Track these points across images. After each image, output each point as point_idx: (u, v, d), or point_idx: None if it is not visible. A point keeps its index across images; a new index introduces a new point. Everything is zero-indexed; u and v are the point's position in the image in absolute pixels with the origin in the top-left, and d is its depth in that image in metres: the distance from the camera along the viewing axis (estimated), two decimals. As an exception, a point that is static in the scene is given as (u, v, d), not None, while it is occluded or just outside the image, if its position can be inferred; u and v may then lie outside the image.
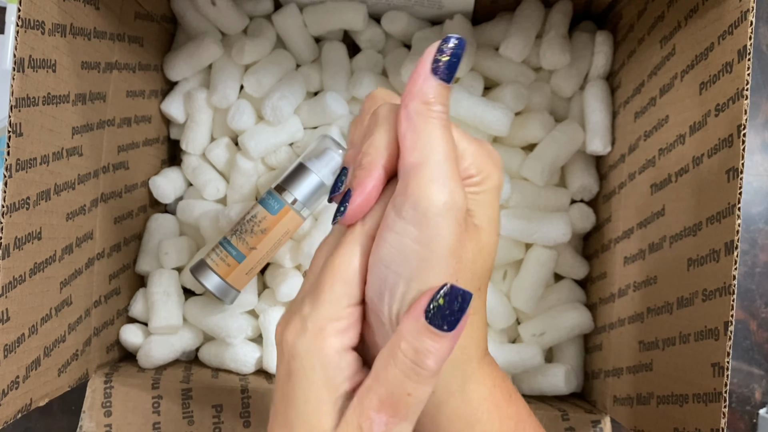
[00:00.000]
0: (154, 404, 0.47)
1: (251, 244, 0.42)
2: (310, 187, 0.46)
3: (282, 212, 0.42)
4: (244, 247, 0.42)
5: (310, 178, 0.46)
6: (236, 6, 0.55)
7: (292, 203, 0.44)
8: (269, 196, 0.45)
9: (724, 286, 0.37)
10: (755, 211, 0.61)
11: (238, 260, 0.41)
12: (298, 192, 0.46)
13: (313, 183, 0.47)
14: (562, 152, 0.53)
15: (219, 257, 0.43)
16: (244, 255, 0.42)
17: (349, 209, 0.26)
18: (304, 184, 0.47)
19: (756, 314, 0.61)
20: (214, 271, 0.43)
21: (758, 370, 0.60)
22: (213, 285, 0.45)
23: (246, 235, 0.42)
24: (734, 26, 0.38)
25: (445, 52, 0.26)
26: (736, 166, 0.36)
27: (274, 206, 0.44)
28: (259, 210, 0.43)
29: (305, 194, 0.46)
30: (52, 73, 0.40)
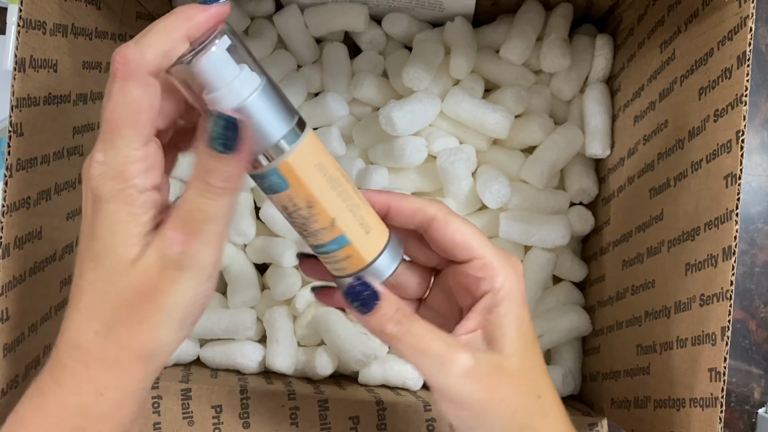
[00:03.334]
0: (154, 404, 0.47)
1: (321, 223, 0.30)
2: (264, 111, 0.28)
3: (287, 176, 0.28)
4: (325, 232, 0.30)
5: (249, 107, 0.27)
6: (237, 6, 0.55)
7: (279, 152, 0.28)
8: (259, 181, 0.29)
9: (722, 291, 0.37)
10: (754, 211, 0.62)
11: (340, 245, 0.30)
12: (266, 131, 0.28)
13: (260, 108, 0.27)
14: (561, 155, 0.53)
15: (332, 263, 0.32)
16: (340, 233, 0.30)
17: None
18: (259, 119, 0.28)
19: (755, 314, 0.61)
20: (349, 273, 0.32)
21: (757, 370, 0.60)
22: (376, 275, 0.32)
23: (310, 225, 0.30)
24: (734, 32, 0.38)
25: (354, 298, 0.31)
26: (734, 171, 0.37)
27: (279, 182, 0.28)
28: (277, 200, 0.29)
29: (272, 123, 0.28)
30: (53, 73, 0.40)
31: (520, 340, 0.32)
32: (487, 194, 0.52)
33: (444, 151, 0.52)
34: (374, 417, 0.47)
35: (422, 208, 0.33)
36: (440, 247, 0.33)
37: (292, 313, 0.53)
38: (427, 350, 0.30)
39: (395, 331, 0.30)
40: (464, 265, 0.33)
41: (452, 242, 0.32)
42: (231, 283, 0.54)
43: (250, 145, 0.27)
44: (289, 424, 0.47)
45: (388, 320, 0.30)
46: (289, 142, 0.28)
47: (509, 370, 0.31)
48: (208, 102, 0.27)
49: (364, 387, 0.52)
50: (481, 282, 0.32)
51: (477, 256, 0.32)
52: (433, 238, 0.33)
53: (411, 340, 0.30)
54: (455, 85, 0.56)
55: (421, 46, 0.55)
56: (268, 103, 0.27)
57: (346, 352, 0.50)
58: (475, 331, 0.32)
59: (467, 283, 0.33)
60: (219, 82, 0.26)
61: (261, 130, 0.27)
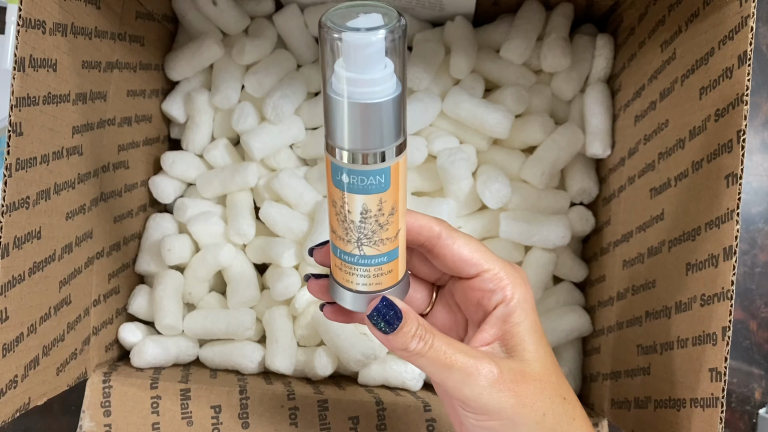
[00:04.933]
0: (153, 404, 0.47)
1: (391, 232, 0.29)
2: (398, 111, 0.27)
3: (393, 178, 0.28)
4: (388, 242, 0.30)
5: (366, 106, 0.26)
6: (237, 6, 0.55)
7: (390, 155, 0.27)
8: (356, 176, 0.28)
9: (723, 292, 0.37)
10: (755, 211, 0.62)
11: (391, 258, 0.30)
12: (394, 131, 0.27)
13: (378, 110, 0.26)
14: (561, 155, 0.53)
15: (370, 277, 0.31)
16: (396, 246, 0.30)
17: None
18: (394, 117, 0.27)
19: (756, 314, 0.61)
20: (382, 288, 0.32)
21: (758, 370, 0.60)
22: (397, 296, 0.33)
23: (379, 233, 0.29)
24: (735, 31, 0.38)
25: (379, 319, 0.31)
26: (735, 171, 0.36)
27: (377, 182, 0.28)
28: (364, 200, 0.28)
29: (399, 125, 0.27)
30: (52, 73, 0.40)
31: (538, 345, 0.33)
32: (487, 194, 0.52)
33: (444, 151, 0.52)
34: (374, 417, 0.47)
35: (428, 225, 0.33)
36: (447, 263, 0.33)
37: (292, 313, 0.53)
38: (452, 364, 0.31)
39: (419, 347, 0.31)
40: (473, 280, 0.33)
41: (460, 258, 0.33)
42: (231, 283, 0.54)
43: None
44: (289, 425, 0.47)
45: (411, 337, 0.31)
46: (402, 148, 0.28)
47: (533, 374, 0.32)
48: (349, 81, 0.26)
49: (364, 387, 0.52)
50: (493, 294, 0.33)
51: (485, 269, 0.33)
52: (439, 255, 0.33)
53: (435, 355, 0.31)
54: (455, 84, 0.56)
55: (421, 46, 0.55)
56: (401, 106, 0.27)
57: (345, 353, 0.50)
58: (492, 343, 0.33)
59: (478, 297, 0.33)
60: (374, 74, 0.26)
61: (391, 127, 0.27)
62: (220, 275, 0.56)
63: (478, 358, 0.31)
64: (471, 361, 0.31)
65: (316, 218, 0.53)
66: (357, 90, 0.25)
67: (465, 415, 0.32)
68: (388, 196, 0.28)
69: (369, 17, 0.25)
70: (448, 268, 0.34)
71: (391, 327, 0.31)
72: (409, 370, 0.51)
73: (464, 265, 0.33)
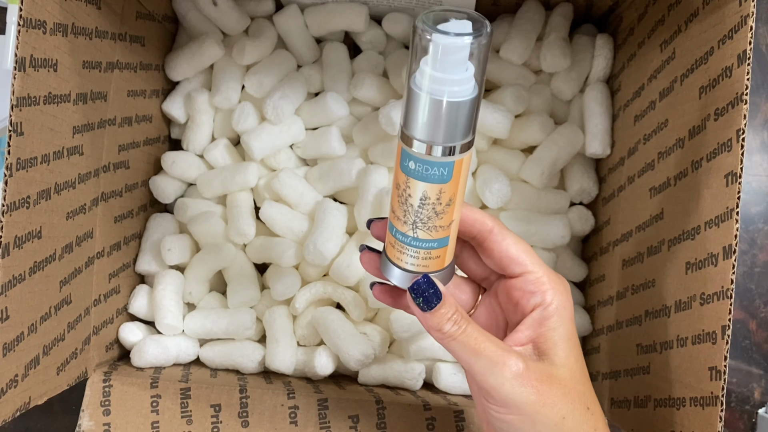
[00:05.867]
0: (153, 403, 0.47)
1: (445, 221, 0.31)
2: (473, 112, 0.29)
3: (455, 172, 0.30)
4: (441, 230, 0.32)
5: (446, 103, 0.28)
6: (237, 6, 0.55)
7: (456, 151, 0.29)
8: (422, 165, 0.30)
9: (722, 290, 0.37)
10: (754, 211, 0.62)
11: (441, 245, 0.32)
12: (466, 128, 0.29)
13: (457, 108, 0.28)
14: (561, 155, 0.53)
15: (419, 259, 0.33)
16: (447, 235, 0.32)
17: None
18: (469, 116, 0.29)
19: (755, 314, 0.61)
20: (428, 271, 0.33)
21: (757, 370, 0.60)
22: (440, 280, 0.34)
23: (434, 220, 0.31)
24: (734, 30, 0.38)
25: (418, 294, 0.33)
26: (735, 170, 0.37)
27: (440, 173, 0.30)
28: (425, 188, 0.30)
29: (471, 124, 0.29)
30: (53, 73, 0.40)
31: (570, 353, 0.33)
32: (487, 194, 0.52)
33: (444, 151, 0.52)
34: (374, 416, 0.47)
35: (482, 219, 0.34)
36: (494, 259, 0.34)
37: (292, 312, 0.53)
38: (481, 351, 0.32)
39: (452, 330, 0.32)
40: (515, 280, 0.34)
41: (507, 255, 0.34)
42: (231, 283, 0.54)
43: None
44: (288, 423, 0.47)
45: (447, 320, 0.32)
46: (469, 146, 0.30)
47: (559, 378, 0.32)
48: (435, 80, 0.28)
49: (364, 387, 0.52)
50: (532, 296, 0.33)
51: (529, 270, 0.34)
52: (488, 250, 0.34)
53: (466, 340, 0.32)
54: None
55: (421, 45, 0.55)
56: (475, 107, 0.29)
57: (345, 352, 0.50)
58: (525, 345, 0.34)
59: (518, 297, 0.34)
60: (456, 75, 0.28)
61: (462, 126, 0.29)
62: (220, 275, 0.56)
63: (507, 351, 0.32)
64: (499, 352, 0.32)
65: (316, 218, 0.53)
66: (438, 87, 0.28)
67: (488, 407, 0.33)
68: (448, 187, 0.30)
69: (459, 23, 0.27)
70: (494, 264, 0.35)
71: (429, 305, 0.32)
72: (409, 369, 0.51)
73: (510, 263, 0.34)
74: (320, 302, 0.54)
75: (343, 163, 0.54)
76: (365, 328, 0.53)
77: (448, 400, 0.49)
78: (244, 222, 0.54)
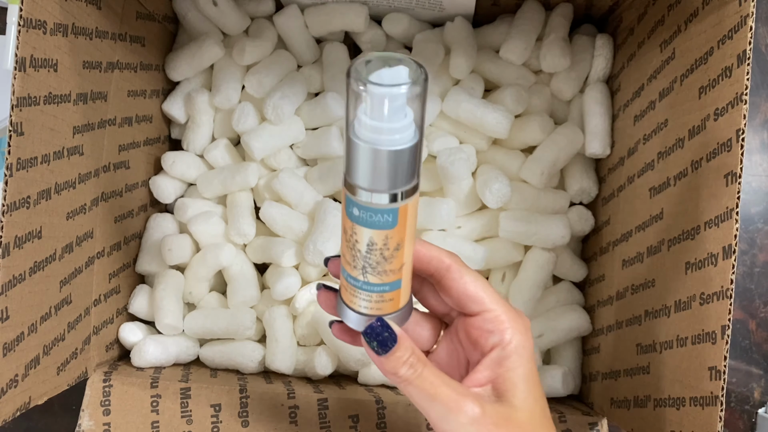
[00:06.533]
0: (153, 403, 0.47)
1: (395, 265, 0.31)
2: (413, 158, 0.29)
3: (401, 218, 0.30)
4: (391, 273, 0.31)
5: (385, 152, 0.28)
6: (238, 6, 0.55)
7: (399, 197, 0.29)
8: (366, 212, 0.29)
9: (722, 290, 0.37)
10: (754, 211, 0.62)
11: (393, 288, 0.32)
12: (407, 175, 0.29)
13: (398, 155, 0.28)
14: (561, 155, 0.53)
15: (372, 302, 0.32)
16: (399, 278, 0.32)
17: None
18: (408, 162, 0.29)
19: (755, 314, 0.61)
20: (382, 314, 0.33)
21: (757, 370, 0.60)
22: (396, 322, 0.34)
23: (382, 265, 0.31)
24: (734, 31, 0.38)
25: (372, 337, 0.32)
26: (734, 170, 0.37)
27: (385, 219, 0.29)
28: (371, 234, 0.30)
29: (413, 170, 0.29)
30: (53, 73, 0.40)
31: (528, 394, 0.32)
32: (487, 194, 0.52)
33: (444, 151, 0.52)
34: (374, 416, 0.47)
35: (439, 256, 0.34)
36: (452, 297, 0.34)
37: (292, 313, 0.53)
38: (436, 396, 0.31)
39: (407, 374, 0.31)
40: (474, 318, 0.34)
41: (465, 293, 0.33)
42: (231, 283, 0.54)
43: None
44: (288, 423, 0.47)
45: (402, 363, 0.31)
46: (413, 191, 0.29)
47: (518, 421, 0.32)
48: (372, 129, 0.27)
49: (364, 386, 0.52)
50: (491, 335, 0.33)
51: (487, 309, 0.33)
52: (446, 288, 0.34)
53: (422, 384, 0.31)
54: (455, 85, 0.56)
55: (421, 46, 0.55)
56: (417, 153, 0.28)
57: (345, 352, 0.50)
58: (485, 385, 0.33)
59: (476, 336, 0.33)
60: (395, 123, 0.27)
61: (405, 172, 0.28)
62: (220, 275, 0.56)
63: (463, 395, 0.31)
64: (455, 396, 0.31)
65: (316, 218, 0.53)
66: (377, 137, 0.27)
67: None
68: (395, 233, 0.30)
69: (394, 70, 0.26)
70: (453, 301, 0.34)
71: (384, 348, 0.31)
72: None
73: (467, 301, 0.33)
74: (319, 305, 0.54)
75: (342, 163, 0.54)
76: (365, 328, 0.53)
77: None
78: (244, 222, 0.54)
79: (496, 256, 0.54)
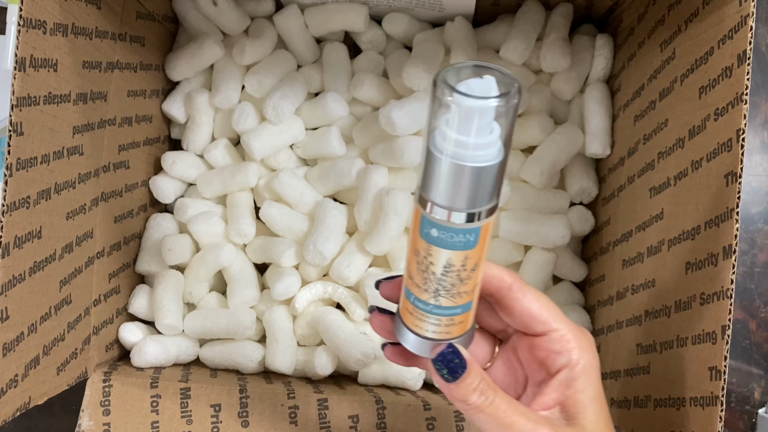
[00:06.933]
0: (153, 403, 0.47)
1: (469, 286, 0.30)
2: (498, 176, 0.27)
3: (482, 238, 0.28)
4: (465, 295, 0.30)
5: (468, 168, 0.26)
6: (237, 6, 0.55)
7: (482, 216, 0.27)
8: (446, 232, 0.28)
9: (722, 290, 0.37)
10: (754, 211, 0.62)
11: (465, 310, 0.31)
12: (492, 193, 0.27)
13: (476, 172, 0.26)
14: (561, 155, 0.53)
15: (441, 326, 0.31)
16: (472, 299, 0.31)
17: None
18: (494, 180, 0.27)
19: (755, 314, 0.61)
20: (449, 338, 0.32)
21: (757, 370, 0.60)
22: (463, 345, 0.33)
23: (458, 287, 0.29)
24: (734, 30, 0.38)
25: (443, 365, 0.31)
26: (735, 170, 0.37)
27: (466, 240, 0.28)
28: (449, 255, 0.28)
29: (497, 188, 0.27)
30: (53, 73, 0.40)
31: (600, 416, 0.32)
32: (487, 194, 0.52)
33: (444, 151, 0.52)
34: (374, 416, 0.47)
35: (500, 275, 0.32)
36: (515, 317, 0.33)
37: (292, 313, 0.53)
38: (510, 425, 0.30)
39: (479, 402, 0.30)
40: (539, 339, 0.32)
41: (528, 314, 0.32)
42: (231, 283, 0.54)
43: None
44: (288, 423, 0.47)
45: (472, 390, 0.30)
46: (495, 209, 0.28)
47: None
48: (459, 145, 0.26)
49: (364, 387, 0.52)
50: (558, 356, 0.32)
51: (553, 329, 0.32)
52: (508, 308, 0.33)
53: (494, 412, 0.30)
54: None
55: (421, 46, 0.55)
56: (501, 171, 0.27)
57: (345, 352, 0.50)
58: (553, 408, 0.32)
59: (542, 357, 0.32)
60: (481, 138, 0.26)
61: (486, 192, 0.27)
62: (220, 275, 0.56)
63: (538, 423, 0.30)
64: (530, 425, 0.30)
65: (316, 218, 0.53)
66: (461, 152, 0.25)
67: None
68: (474, 253, 0.28)
69: (484, 81, 0.25)
70: (515, 322, 0.33)
71: (454, 376, 0.30)
72: (409, 369, 0.51)
73: (532, 322, 0.32)
74: (320, 302, 0.55)
75: (343, 163, 0.54)
76: (365, 328, 0.53)
77: (448, 400, 0.49)
78: (244, 222, 0.54)
79: (496, 256, 0.54)
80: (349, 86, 0.56)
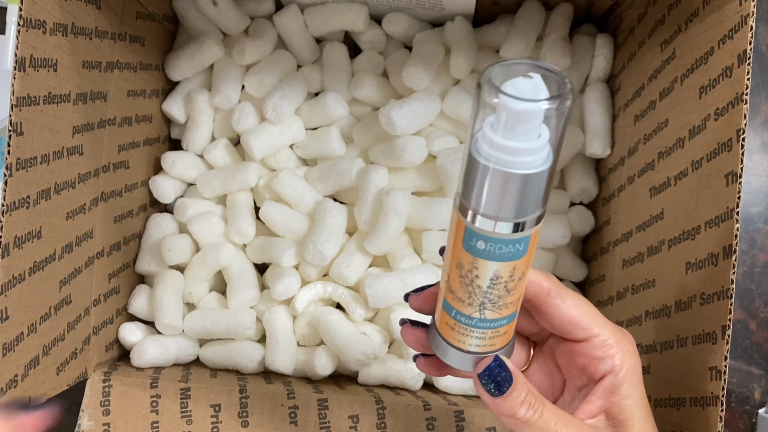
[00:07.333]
0: (153, 403, 0.47)
1: (516, 296, 0.28)
2: (548, 183, 0.25)
3: (530, 246, 0.27)
4: (511, 305, 0.29)
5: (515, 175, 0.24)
6: (237, 6, 0.55)
7: (531, 224, 0.26)
8: (494, 244, 0.26)
9: (722, 290, 0.37)
10: (754, 211, 0.62)
11: (510, 320, 0.29)
12: (541, 201, 0.26)
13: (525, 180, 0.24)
14: (561, 155, 0.53)
15: (485, 339, 0.30)
16: (514, 310, 0.29)
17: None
18: (545, 187, 0.25)
19: (755, 314, 0.61)
20: (493, 350, 0.30)
21: (757, 370, 0.60)
22: (506, 356, 0.32)
23: (504, 298, 0.28)
24: (734, 30, 0.38)
25: (490, 380, 0.30)
26: (735, 170, 0.37)
27: (515, 250, 0.26)
28: (497, 267, 0.27)
29: (546, 196, 0.26)
30: (53, 73, 0.40)
31: (646, 421, 0.31)
32: (487, 194, 0.51)
33: (444, 151, 0.52)
34: (374, 416, 0.47)
35: (538, 280, 0.31)
36: (554, 322, 0.32)
37: (292, 313, 0.53)
38: None
39: (528, 416, 0.29)
40: (580, 344, 0.32)
41: (569, 319, 0.31)
42: (231, 283, 0.54)
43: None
44: (288, 423, 0.47)
45: (520, 403, 0.29)
46: (543, 216, 0.26)
47: None
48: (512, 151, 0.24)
49: (364, 387, 0.52)
50: (601, 362, 0.31)
51: (594, 334, 0.31)
52: (546, 313, 0.32)
53: (544, 426, 0.29)
54: (455, 84, 0.56)
55: (421, 46, 0.55)
56: (550, 178, 0.25)
57: (345, 352, 0.50)
58: (598, 416, 0.31)
59: (584, 363, 0.32)
60: (529, 143, 0.24)
61: (535, 200, 0.25)
62: (220, 275, 0.56)
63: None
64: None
65: (316, 218, 0.53)
66: (508, 158, 0.23)
67: None
68: (522, 263, 0.27)
69: (531, 81, 0.23)
70: (554, 327, 0.32)
71: (501, 390, 0.29)
72: (409, 369, 0.51)
73: (572, 328, 0.31)
74: (320, 302, 0.54)
75: (343, 163, 0.54)
76: (365, 328, 0.53)
77: (448, 400, 0.49)
78: (244, 222, 0.54)
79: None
80: (349, 86, 0.56)
